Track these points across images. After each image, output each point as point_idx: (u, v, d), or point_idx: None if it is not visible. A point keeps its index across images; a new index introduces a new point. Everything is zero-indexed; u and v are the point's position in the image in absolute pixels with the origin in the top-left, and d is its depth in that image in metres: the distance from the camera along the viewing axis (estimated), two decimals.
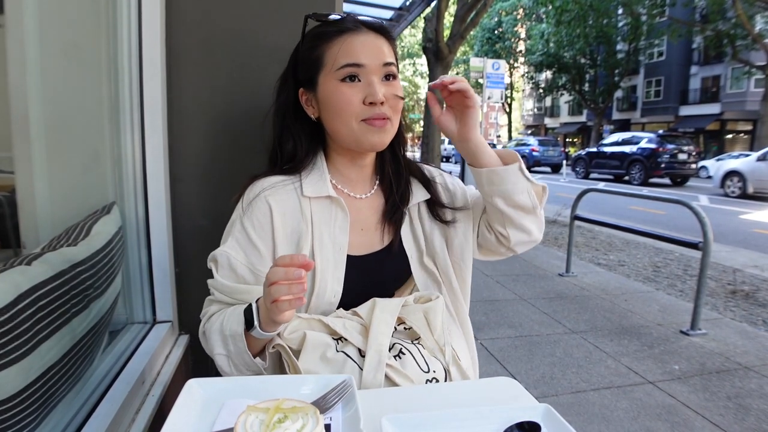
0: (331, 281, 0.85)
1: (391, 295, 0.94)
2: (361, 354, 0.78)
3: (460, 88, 0.80)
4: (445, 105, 0.87)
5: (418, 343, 0.83)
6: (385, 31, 0.86)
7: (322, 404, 0.61)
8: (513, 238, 0.91)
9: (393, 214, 0.94)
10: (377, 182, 0.97)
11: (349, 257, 0.87)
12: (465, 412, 0.61)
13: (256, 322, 0.72)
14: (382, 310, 0.82)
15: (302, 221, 0.86)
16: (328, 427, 0.58)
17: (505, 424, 0.59)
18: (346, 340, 0.79)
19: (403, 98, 0.88)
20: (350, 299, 0.86)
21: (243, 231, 0.84)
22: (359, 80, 0.82)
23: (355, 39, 0.82)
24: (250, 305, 0.74)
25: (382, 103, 0.81)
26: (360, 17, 0.85)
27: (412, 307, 0.86)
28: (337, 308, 0.86)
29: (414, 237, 0.94)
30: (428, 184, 0.97)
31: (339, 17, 0.85)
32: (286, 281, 0.64)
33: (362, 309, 0.84)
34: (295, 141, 0.90)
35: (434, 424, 0.59)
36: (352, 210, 0.90)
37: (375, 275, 0.92)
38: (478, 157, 0.86)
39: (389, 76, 0.84)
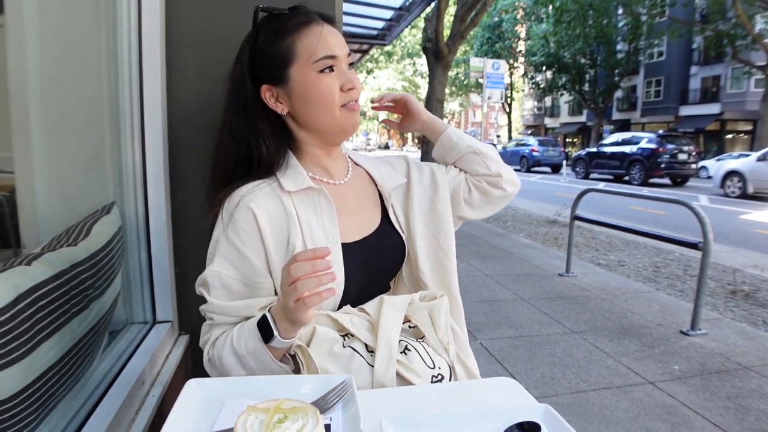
0: None
1: (390, 278, 0.97)
2: (368, 350, 0.79)
3: (392, 98, 1.06)
4: (396, 116, 1.11)
5: (423, 341, 0.84)
6: (334, 21, 0.89)
7: (322, 404, 0.61)
8: (503, 172, 1.02)
9: (374, 198, 0.97)
10: (350, 165, 0.99)
11: (344, 245, 0.86)
12: (465, 413, 0.62)
13: (275, 332, 0.71)
14: (390, 307, 0.82)
15: (288, 219, 0.83)
16: (328, 427, 0.58)
17: (505, 424, 0.59)
18: (352, 335, 0.79)
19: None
20: (354, 290, 0.85)
21: (229, 245, 0.80)
22: (332, 70, 0.84)
23: (324, 30, 0.84)
24: (264, 316, 0.73)
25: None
26: (306, 7, 0.87)
27: (417, 305, 0.86)
28: (342, 301, 0.85)
29: (396, 217, 0.96)
30: (402, 168, 1.03)
31: (291, 9, 0.86)
32: (314, 274, 0.64)
33: (370, 306, 0.84)
34: (266, 142, 0.87)
35: (434, 424, 0.60)
36: (335, 196, 0.88)
37: (374, 258, 0.91)
38: (437, 130, 1.06)
39: (351, 64, 0.88)
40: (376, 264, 0.91)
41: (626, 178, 14.51)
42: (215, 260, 0.81)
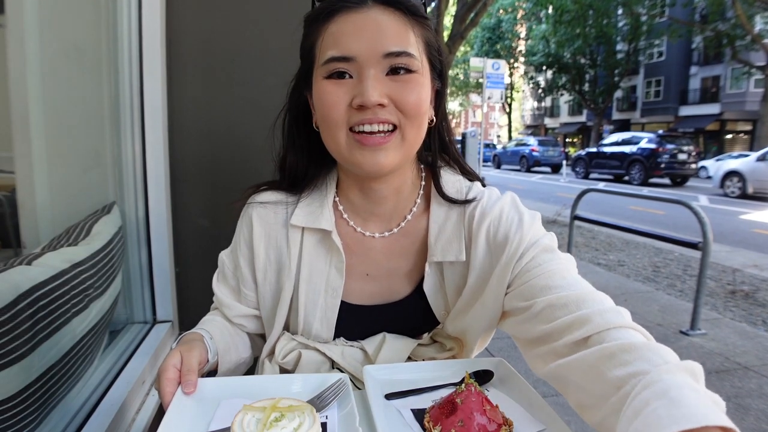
0: (318, 327, 0.74)
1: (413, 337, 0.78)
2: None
3: None
4: None
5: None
6: (405, 4, 0.62)
7: (318, 403, 0.61)
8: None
9: (419, 263, 0.74)
10: (408, 217, 0.74)
11: (346, 304, 0.74)
12: (432, 364, 0.72)
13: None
14: (391, 351, 0.73)
15: (285, 253, 0.73)
16: (324, 425, 0.59)
17: (464, 371, 0.66)
18: None
19: (438, 114, 0.69)
20: (347, 338, 0.77)
21: (235, 242, 0.79)
22: (350, 76, 0.62)
23: (349, 19, 0.61)
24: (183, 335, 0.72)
25: (382, 105, 0.61)
26: None
27: (423, 348, 0.78)
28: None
29: (443, 291, 0.74)
30: (470, 237, 0.71)
31: None
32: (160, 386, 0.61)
33: (369, 343, 0.75)
34: (296, 155, 0.74)
35: (404, 370, 0.70)
36: (357, 250, 0.74)
37: (383, 328, 0.76)
38: None
39: (399, 69, 0.61)
40: (385, 329, 0.77)
41: (626, 178, 14.51)
42: (229, 246, 0.81)
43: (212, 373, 0.80)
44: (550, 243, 0.68)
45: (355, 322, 0.76)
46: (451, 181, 0.75)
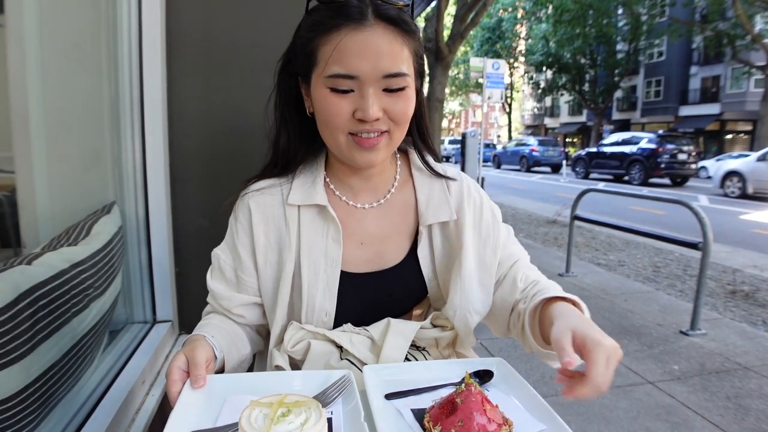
0: (321, 299, 0.78)
1: (400, 315, 0.84)
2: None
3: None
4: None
5: (425, 351, 0.83)
6: (401, 23, 0.69)
7: (323, 399, 0.62)
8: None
9: (408, 230, 0.84)
10: (392, 190, 0.85)
11: (345, 274, 0.80)
12: (432, 364, 0.75)
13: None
14: (396, 334, 0.77)
15: (285, 231, 0.79)
16: (329, 420, 0.60)
17: (464, 370, 0.67)
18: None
19: (416, 106, 0.77)
20: (351, 319, 0.81)
21: (230, 233, 0.82)
22: (352, 90, 0.70)
23: (354, 39, 0.67)
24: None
25: (377, 119, 0.70)
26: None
27: (425, 332, 0.82)
28: (336, 323, 0.81)
29: (432, 256, 0.83)
30: (461, 200, 0.84)
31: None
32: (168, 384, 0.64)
33: (374, 328, 0.80)
34: (289, 136, 0.80)
35: (404, 370, 0.72)
36: (351, 221, 0.81)
37: (379, 295, 0.82)
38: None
39: (395, 89, 0.70)
40: (383, 300, 0.83)
41: (626, 178, 14.51)
42: (222, 242, 0.83)
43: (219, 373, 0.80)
44: (508, 231, 0.89)
45: (355, 291, 0.80)
46: (430, 159, 0.88)
